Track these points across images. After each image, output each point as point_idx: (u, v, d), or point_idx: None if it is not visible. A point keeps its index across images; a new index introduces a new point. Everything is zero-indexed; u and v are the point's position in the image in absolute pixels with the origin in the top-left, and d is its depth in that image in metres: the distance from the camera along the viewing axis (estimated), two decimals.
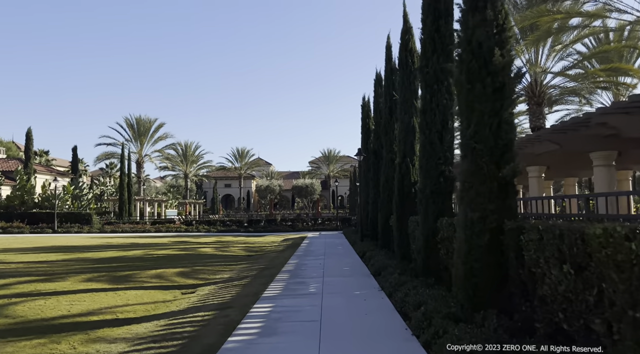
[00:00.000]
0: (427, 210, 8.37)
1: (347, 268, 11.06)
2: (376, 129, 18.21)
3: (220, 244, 20.53)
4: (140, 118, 44.27)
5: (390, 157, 14.93)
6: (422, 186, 8.56)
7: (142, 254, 15.62)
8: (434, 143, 8.40)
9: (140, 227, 31.81)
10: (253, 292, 8.02)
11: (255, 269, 11.53)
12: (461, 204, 5.59)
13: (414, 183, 11.57)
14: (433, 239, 8.12)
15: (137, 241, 21.97)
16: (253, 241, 22.94)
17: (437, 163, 8.35)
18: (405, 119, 11.79)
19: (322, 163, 73.17)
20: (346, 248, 16.77)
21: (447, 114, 8.45)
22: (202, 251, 16.83)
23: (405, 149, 11.76)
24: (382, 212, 14.89)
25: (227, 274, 11.08)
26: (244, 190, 72.24)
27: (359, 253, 14.21)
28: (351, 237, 20.10)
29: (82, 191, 36.68)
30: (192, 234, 28.63)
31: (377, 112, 18.13)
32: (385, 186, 14.88)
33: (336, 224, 33.55)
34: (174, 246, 19.37)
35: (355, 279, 9.19)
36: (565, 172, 18.27)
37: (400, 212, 11.45)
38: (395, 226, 11.80)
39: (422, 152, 8.61)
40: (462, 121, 5.66)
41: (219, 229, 31.70)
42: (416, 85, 11.77)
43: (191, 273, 11.12)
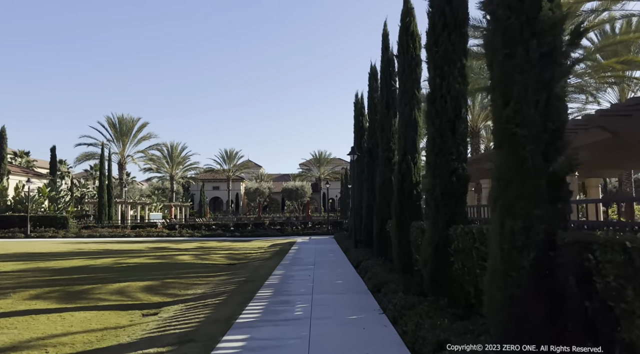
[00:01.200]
0: (436, 215, 7.00)
1: (340, 281, 9.65)
2: (371, 126, 16.88)
3: (201, 250, 18.98)
4: (122, 117, 42.51)
5: (386, 155, 13.58)
6: (429, 186, 7.20)
7: (111, 263, 14.04)
8: (445, 135, 7.05)
9: (120, 232, 30.04)
10: (226, 316, 6.56)
11: (234, 283, 10.06)
12: (495, 210, 4.22)
13: (416, 184, 10.23)
14: (444, 250, 6.75)
15: (111, 247, 20.32)
16: (238, 246, 21.42)
17: (448, 159, 7.00)
18: (406, 112, 10.45)
19: (312, 165, 71.86)
20: (338, 256, 15.37)
21: (461, 101, 7.11)
22: (179, 259, 15.29)
23: (405, 145, 10.42)
24: (378, 217, 13.52)
25: (201, 288, 9.59)
26: (233, 193, 70.57)
27: (352, 262, 12.81)
28: (343, 243, 18.69)
29: (59, 193, 34.76)
30: (174, 239, 26.99)
31: (371, 108, 16.80)
32: (382, 187, 13.53)
33: (327, 228, 32.14)
34: (151, 253, 17.79)
35: (350, 297, 7.77)
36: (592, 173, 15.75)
37: (400, 218, 10.09)
38: (394, 232, 10.42)
39: (430, 147, 7.24)
40: (494, 99, 4.29)
41: (203, 234, 30.08)
42: (418, 73, 10.45)
43: (159, 288, 9.61)
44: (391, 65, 13.53)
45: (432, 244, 6.95)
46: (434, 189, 7.09)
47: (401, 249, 10.08)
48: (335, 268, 11.97)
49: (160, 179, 64.49)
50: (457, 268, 6.51)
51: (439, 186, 6.99)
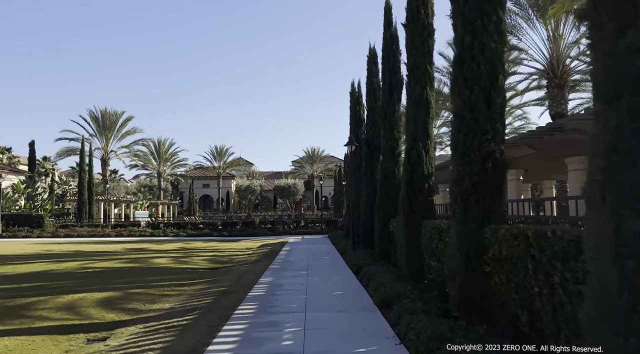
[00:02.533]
0: (466, 213, 5.44)
1: (339, 291, 8.03)
2: (370, 115, 15.28)
3: (183, 252, 17.26)
4: (105, 111, 40.43)
5: (390, 145, 12.00)
6: (456, 175, 5.63)
7: (75, 268, 12.31)
8: (478, 109, 5.49)
9: (100, 231, 28.16)
10: (190, 346, 4.92)
11: (212, 294, 8.41)
12: (599, 203, 2.64)
13: (428, 176, 8.65)
14: (478, 259, 5.19)
15: (84, 249, 18.52)
16: (225, 247, 19.73)
17: (482, 140, 5.43)
18: (416, 91, 8.86)
19: (305, 163, 70.24)
20: (334, 258, 13.76)
21: (497, 64, 5.53)
22: (155, 263, 13.58)
23: (415, 130, 8.83)
24: (379, 215, 11.94)
25: (170, 301, 7.93)
26: (223, 191, 68.69)
27: (351, 267, 11.21)
28: (339, 244, 17.09)
29: (35, 190, 32.75)
30: (157, 239, 25.19)
31: (371, 95, 15.20)
32: (384, 182, 11.94)
33: (321, 227, 30.53)
34: (126, 255, 16.05)
35: (353, 316, 6.15)
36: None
37: (410, 216, 8.52)
38: (401, 233, 8.84)
39: (457, 125, 5.67)
40: None
41: (189, 233, 28.29)
42: (430, 45, 8.86)
43: (120, 301, 7.93)
44: (394, 43, 11.94)
45: (461, 251, 5.38)
46: (462, 180, 5.52)
47: (410, 253, 8.51)
48: (331, 274, 10.37)
49: (148, 177, 62.45)
50: (498, 282, 4.94)
51: (469, 175, 5.42)
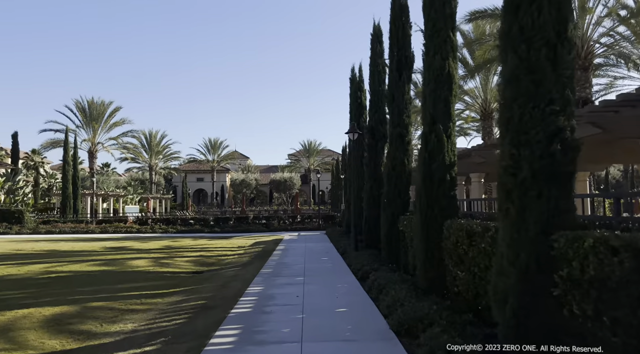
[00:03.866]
0: (523, 213, 3.95)
1: (344, 309, 6.53)
2: (374, 101, 13.73)
3: (167, 252, 15.72)
4: (92, 101, 38.60)
5: (398, 132, 10.49)
6: (509, 161, 4.14)
7: (38, 272, 10.77)
8: (540, 69, 3.99)
9: (83, 227, 26.54)
10: None
11: (186, 311, 6.89)
12: None
13: (450, 166, 7.14)
14: (542, 277, 3.73)
15: (59, 248, 16.94)
16: (215, 245, 18.20)
17: (546, 112, 3.92)
18: (436, 63, 7.33)
19: (302, 156, 68.65)
20: (334, 260, 12.28)
21: (566, 9, 4.02)
22: (131, 266, 12.03)
23: (435, 110, 7.30)
24: (386, 212, 10.45)
25: (134, 320, 6.40)
26: (218, 184, 67.05)
27: (355, 272, 9.72)
28: (339, 242, 15.60)
29: (16, 184, 31.03)
30: (143, 236, 23.63)
31: (375, 78, 13.64)
32: (392, 174, 10.44)
33: (318, 222, 29.02)
34: (102, 255, 14.50)
35: (365, 348, 4.65)
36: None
37: (428, 214, 7.02)
38: (418, 235, 7.30)
39: (509, 93, 4.18)
40: None
41: (178, 230, 26.70)
42: (453, 7, 7.32)
43: (73, 320, 6.41)
44: (404, 14, 10.40)
45: (516, 265, 3.89)
46: (517, 168, 4.01)
47: (429, 260, 7.01)
48: (333, 281, 8.87)
49: (140, 170, 60.70)
50: (579, 313, 3.45)
51: (528, 161, 3.93)
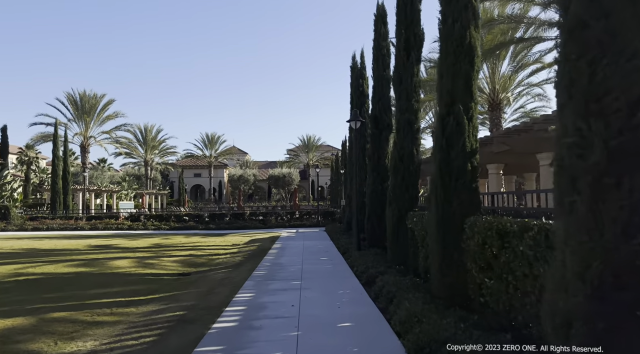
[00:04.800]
0: (595, 206, 2.82)
1: (348, 323, 5.45)
2: (377, 87, 12.62)
3: (154, 251, 14.64)
4: (84, 94, 37.36)
5: (406, 119, 9.43)
6: (574, 138, 3.01)
7: (5, 274, 9.67)
8: (618, 11, 2.82)
9: (72, 224, 25.47)
10: None
11: (160, 324, 5.81)
12: None
13: (472, 153, 6.07)
14: (624, 293, 2.59)
15: (40, 246, 15.86)
16: (207, 244, 17.14)
17: (627, 69, 2.79)
18: (455, 32, 6.26)
19: (301, 151, 67.56)
20: (335, 260, 11.21)
21: None
22: (112, 267, 10.95)
23: (454, 88, 6.22)
24: (392, 208, 9.38)
25: (96, 338, 5.32)
26: (215, 180, 65.94)
27: (359, 275, 8.65)
28: (339, 240, 14.55)
29: (3, 179, 29.89)
30: (133, 233, 22.56)
31: (379, 63, 12.55)
32: (399, 166, 9.38)
33: (317, 219, 27.96)
34: (83, 254, 13.42)
35: None
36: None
37: (445, 210, 5.95)
38: (434, 234, 6.20)
39: (573, 47, 3.00)
40: None
41: (172, 226, 25.64)
42: None
43: (24, 336, 5.33)
44: None
45: (588, 280, 2.77)
46: (588, 146, 2.91)
47: (446, 263, 5.94)
48: (334, 286, 7.80)
49: (136, 165, 59.58)
50: None
51: (601, 138, 2.80)
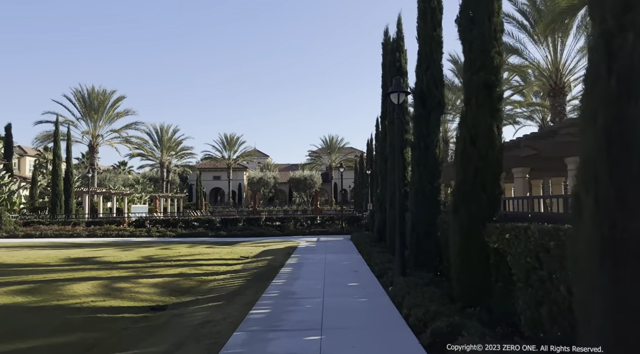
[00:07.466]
0: None
1: None
2: (425, 53, 9.41)
3: (139, 267, 11.72)
4: (93, 90, 35.28)
5: (484, 81, 6.19)
6: None
7: None
8: None
9: (69, 230, 23.06)
10: None
11: None
12: None
13: None
14: None
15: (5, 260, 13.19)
16: (209, 256, 14.21)
17: None
18: None
19: (323, 153, 64.50)
20: (370, 290, 8.01)
21: None
22: (64, 295, 8.03)
23: None
24: (459, 215, 6.07)
25: None
26: (235, 183, 63.56)
27: (414, 326, 5.41)
28: (371, 255, 11.37)
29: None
30: (132, 241, 19.87)
31: (426, 19, 9.40)
32: (470, 152, 6.07)
33: (341, 225, 24.78)
34: (48, 272, 10.61)
35: None
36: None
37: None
38: (584, 260, 2.96)
39: None
40: None
41: (178, 233, 22.94)
42: None
43: None
44: None
45: None
46: None
47: None
48: (377, 349, 4.64)
49: (154, 168, 57.73)
50: None
51: None
